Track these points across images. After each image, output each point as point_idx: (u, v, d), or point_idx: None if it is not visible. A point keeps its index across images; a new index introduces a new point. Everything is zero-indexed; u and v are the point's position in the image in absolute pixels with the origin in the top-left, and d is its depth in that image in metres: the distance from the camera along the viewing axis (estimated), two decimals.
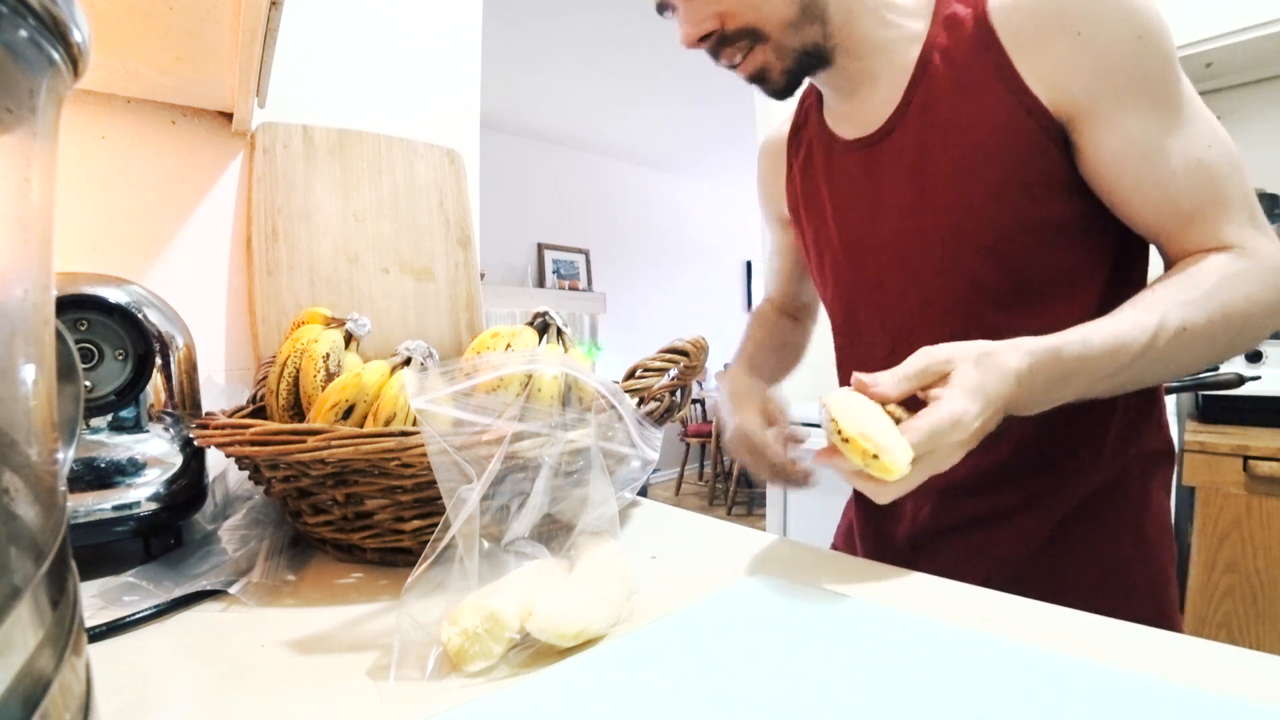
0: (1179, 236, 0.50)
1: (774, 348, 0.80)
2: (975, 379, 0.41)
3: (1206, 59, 1.61)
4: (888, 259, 0.60)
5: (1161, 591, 0.57)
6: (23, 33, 0.18)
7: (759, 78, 0.58)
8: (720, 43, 0.56)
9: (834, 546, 0.78)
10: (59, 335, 0.24)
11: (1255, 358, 1.46)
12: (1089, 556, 0.57)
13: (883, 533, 0.68)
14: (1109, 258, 0.55)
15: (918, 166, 0.56)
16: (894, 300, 0.60)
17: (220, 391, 0.83)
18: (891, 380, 0.43)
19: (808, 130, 0.68)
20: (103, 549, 0.54)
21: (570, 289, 4.93)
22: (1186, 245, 0.50)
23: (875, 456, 0.38)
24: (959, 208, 0.54)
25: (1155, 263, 0.58)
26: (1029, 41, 0.50)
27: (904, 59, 0.56)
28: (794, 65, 0.57)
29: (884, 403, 0.42)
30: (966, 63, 0.53)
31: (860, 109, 0.60)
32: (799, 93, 0.70)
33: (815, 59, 0.57)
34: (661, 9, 0.58)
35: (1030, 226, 0.53)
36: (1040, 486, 0.57)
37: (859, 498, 0.73)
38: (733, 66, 0.58)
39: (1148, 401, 0.59)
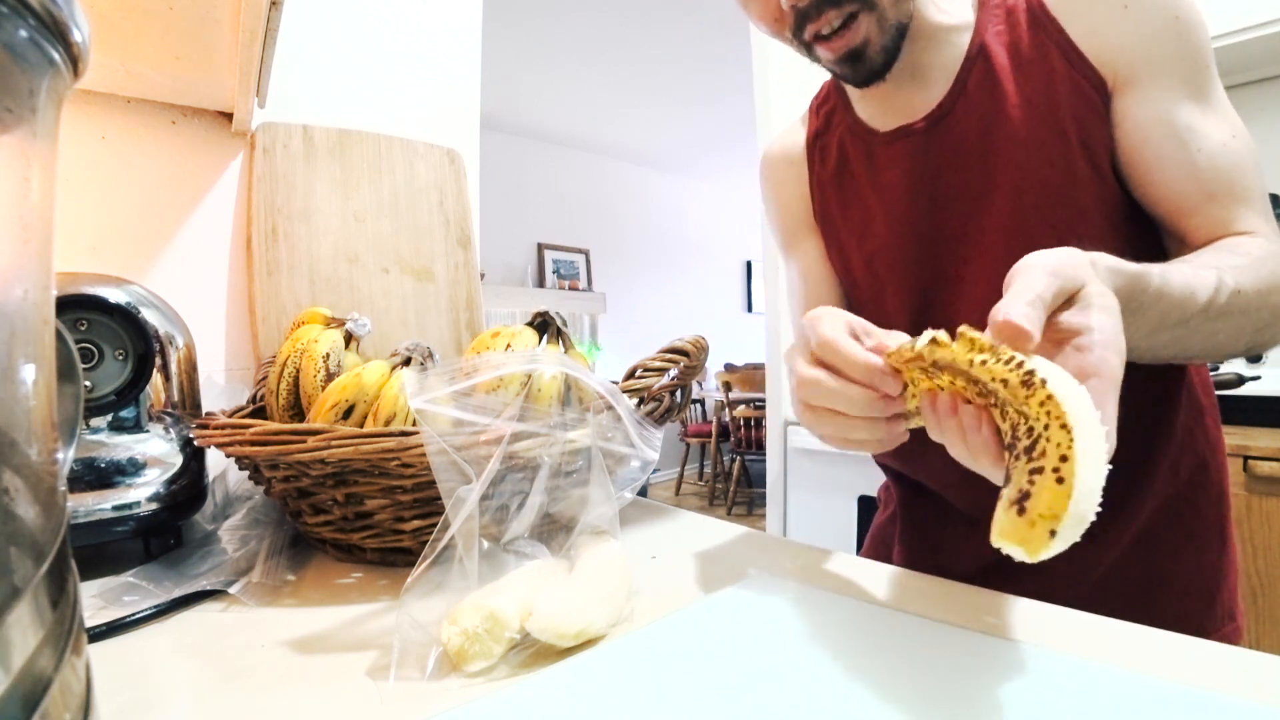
0: (1201, 215, 0.49)
1: None
2: (1111, 298, 0.32)
3: None
4: (961, 248, 0.56)
5: (1234, 586, 0.58)
6: (23, 33, 0.18)
7: (854, 55, 0.52)
8: (825, 1, 0.49)
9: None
10: (59, 335, 0.24)
11: (1255, 358, 1.46)
12: (1178, 562, 0.57)
13: (941, 563, 0.64)
14: (1144, 250, 0.54)
15: (984, 147, 0.54)
16: (972, 292, 0.56)
17: (220, 391, 0.83)
18: (1025, 311, 0.29)
19: (832, 134, 0.65)
20: (103, 549, 0.54)
21: (570, 289, 4.93)
22: (1206, 222, 0.49)
23: (1060, 481, 0.24)
24: (1033, 186, 0.52)
25: None
26: (1081, 13, 0.51)
27: (955, 47, 0.55)
28: (890, 43, 0.52)
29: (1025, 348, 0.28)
30: (1024, 41, 0.52)
31: (909, 97, 0.57)
32: (795, 113, 0.68)
33: (901, 40, 0.53)
34: None
35: (1099, 201, 0.52)
36: (1124, 494, 0.56)
37: (908, 527, 0.68)
38: (819, 39, 0.51)
39: (1210, 396, 0.59)
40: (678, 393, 0.57)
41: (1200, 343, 0.44)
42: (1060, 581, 0.57)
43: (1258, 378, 1.42)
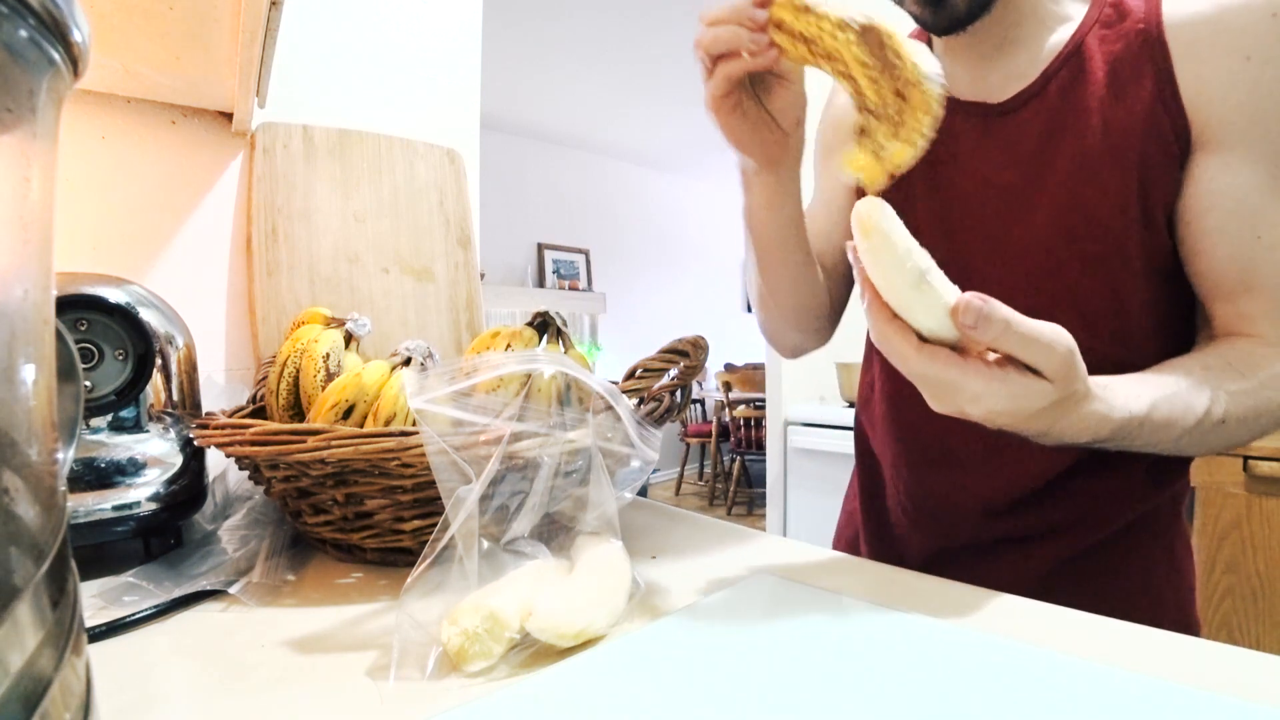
0: (1234, 302, 0.47)
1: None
2: (1043, 397, 0.35)
3: None
4: (984, 243, 0.54)
5: (1187, 601, 0.57)
6: (23, 33, 0.18)
7: None
8: None
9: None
10: (59, 335, 0.24)
11: None
12: (1119, 574, 0.56)
13: (895, 547, 0.65)
14: (1184, 325, 0.52)
15: (1047, 154, 0.51)
16: (993, 293, 0.56)
17: (220, 391, 0.83)
18: (995, 309, 0.34)
19: None
20: (103, 549, 0.54)
21: (570, 289, 4.93)
22: (1236, 317, 0.47)
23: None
24: (1075, 205, 0.50)
25: None
26: (1198, 47, 0.46)
27: (1053, 37, 0.52)
28: None
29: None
30: (1125, 56, 0.49)
31: (989, 74, 0.55)
32: None
33: None
34: None
35: (1144, 247, 0.49)
36: (1074, 513, 0.56)
37: (866, 509, 0.70)
38: None
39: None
40: (678, 393, 0.57)
41: (1175, 448, 0.44)
42: (1006, 573, 0.57)
43: None
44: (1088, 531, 0.56)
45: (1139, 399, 0.40)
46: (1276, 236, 0.46)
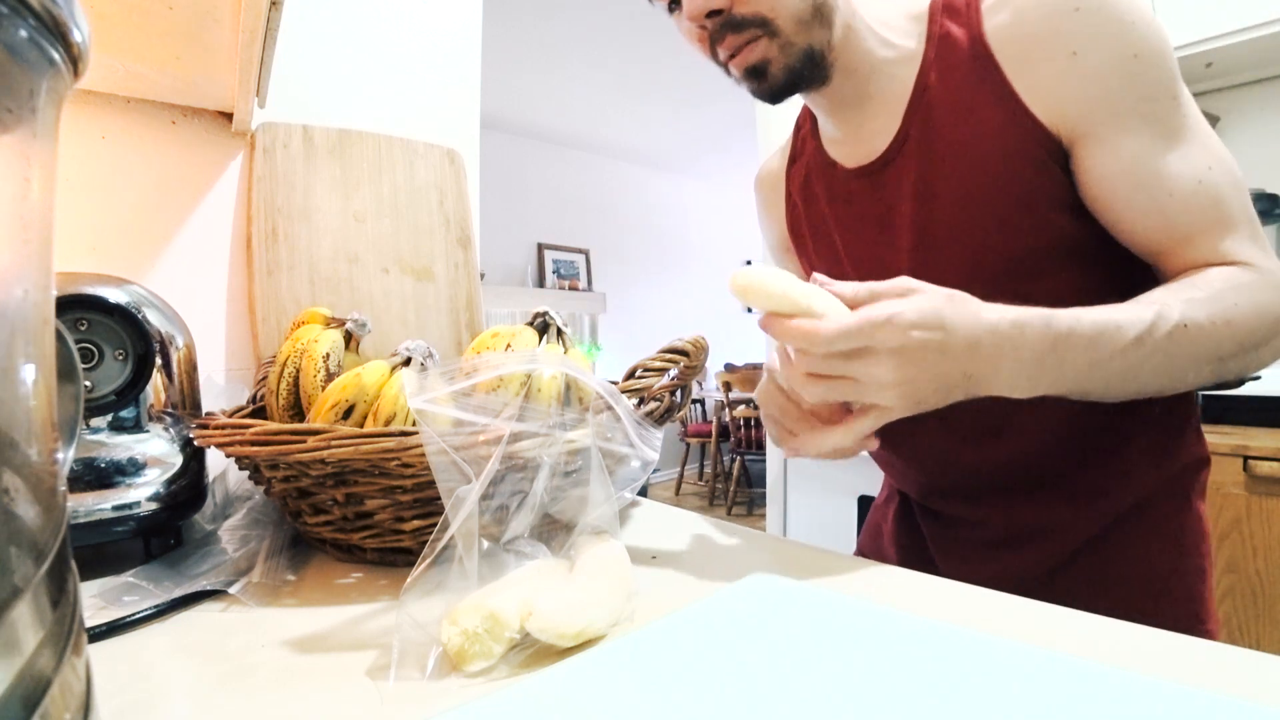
0: (1178, 254, 0.48)
1: None
2: (932, 302, 0.40)
3: (1206, 59, 1.60)
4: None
5: (1197, 595, 0.57)
6: (23, 33, 0.18)
7: (757, 72, 0.53)
8: (726, 26, 0.52)
9: (859, 548, 0.79)
10: (59, 335, 0.24)
11: None
12: (1125, 563, 0.56)
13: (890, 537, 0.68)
14: (1125, 276, 0.53)
15: (924, 195, 0.54)
16: None
17: (220, 391, 0.83)
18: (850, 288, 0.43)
19: (805, 159, 0.67)
20: (103, 549, 0.54)
21: (570, 289, 4.93)
22: (1187, 262, 0.48)
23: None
24: (968, 235, 0.53)
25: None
26: (1027, 61, 0.49)
27: (901, 83, 0.55)
28: (797, 64, 0.53)
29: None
30: (964, 84, 0.51)
31: (859, 135, 0.58)
32: (793, 121, 0.70)
33: (817, 66, 0.54)
34: None
35: (1040, 249, 0.52)
36: (1080, 497, 0.57)
37: (902, 513, 0.72)
38: (730, 57, 0.53)
39: (1184, 412, 0.58)
40: (678, 393, 0.57)
41: (1159, 376, 0.45)
42: (1012, 570, 0.59)
43: (1258, 378, 1.42)
44: (1086, 524, 0.57)
45: (1039, 310, 0.42)
46: (1184, 185, 0.47)
